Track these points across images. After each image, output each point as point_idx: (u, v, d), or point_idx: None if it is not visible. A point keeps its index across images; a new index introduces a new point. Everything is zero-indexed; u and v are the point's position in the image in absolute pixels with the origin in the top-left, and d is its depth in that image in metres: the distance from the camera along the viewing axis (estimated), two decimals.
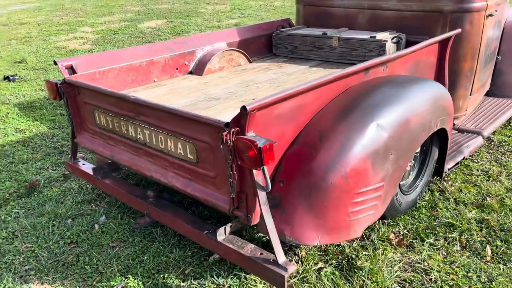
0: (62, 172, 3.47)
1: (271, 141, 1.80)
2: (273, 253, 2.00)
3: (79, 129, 2.87)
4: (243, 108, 1.79)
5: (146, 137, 2.38)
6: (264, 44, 3.99)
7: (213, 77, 3.32)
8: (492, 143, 3.64)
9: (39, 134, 4.24)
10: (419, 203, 2.85)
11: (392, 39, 3.35)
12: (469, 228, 2.58)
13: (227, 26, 10.04)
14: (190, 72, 3.45)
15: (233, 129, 1.86)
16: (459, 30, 3.24)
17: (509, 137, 3.72)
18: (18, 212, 2.97)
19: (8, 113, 4.82)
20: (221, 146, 1.90)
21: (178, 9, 13.07)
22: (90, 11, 14.01)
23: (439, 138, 2.88)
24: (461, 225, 2.60)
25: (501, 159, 3.36)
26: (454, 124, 3.72)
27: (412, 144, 2.40)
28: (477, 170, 3.22)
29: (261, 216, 1.99)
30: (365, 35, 3.42)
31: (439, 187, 3.01)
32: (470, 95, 3.63)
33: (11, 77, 6.24)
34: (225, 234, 2.21)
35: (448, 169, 3.12)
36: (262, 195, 1.95)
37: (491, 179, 3.09)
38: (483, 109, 4.03)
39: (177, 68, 3.37)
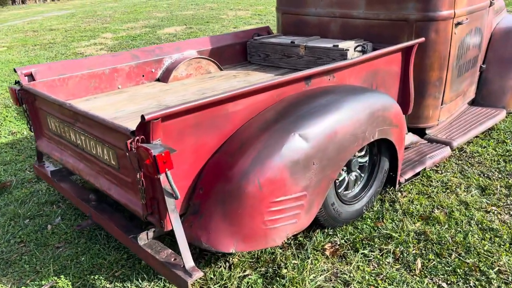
0: (36, 174, 3.63)
1: (167, 149, 1.86)
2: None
3: (38, 134, 3.01)
4: (142, 117, 1.86)
5: (82, 142, 2.48)
6: (239, 52, 4.04)
7: (176, 85, 3.40)
8: (464, 154, 3.55)
9: (28, 137, 4.44)
10: (366, 214, 2.82)
11: (356, 47, 3.33)
12: (406, 240, 2.54)
13: None
14: (158, 80, 3.55)
15: (137, 137, 1.93)
16: (422, 39, 3.20)
17: (483, 148, 3.62)
18: None
19: (7, 116, 5.07)
20: (127, 154, 1.97)
21: (201, 15, 13.30)
22: (117, 18, 14.45)
23: (389, 148, 2.85)
24: (399, 237, 2.57)
25: (466, 170, 3.28)
26: (425, 134, 3.66)
27: (341, 154, 2.39)
28: (437, 181, 3.15)
29: None
30: (329, 44, 3.42)
31: (392, 197, 2.97)
32: (442, 105, 3.56)
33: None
34: (147, 239, 2.28)
35: (406, 180, 3.08)
36: (170, 202, 2.00)
37: (448, 191, 3.02)
38: (462, 119, 3.94)
39: (143, 75, 3.47)
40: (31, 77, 2.96)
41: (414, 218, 2.74)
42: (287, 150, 2.20)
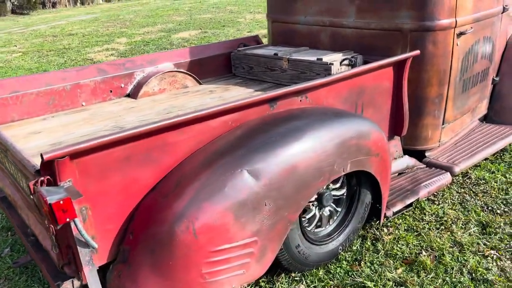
0: None
1: (67, 196, 1.56)
2: None
3: None
4: (41, 156, 1.56)
5: (13, 172, 2.21)
6: (223, 63, 3.72)
7: (145, 101, 3.12)
8: (467, 180, 3.13)
9: None
10: (342, 254, 2.46)
11: (342, 61, 2.97)
12: None
13: None
14: (128, 95, 3.27)
15: (43, 178, 1.64)
16: (417, 52, 2.81)
17: (492, 173, 3.19)
18: None
19: None
20: (31, 196, 1.69)
21: (219, 19, 13.08)
22: (137, 22, 14.38)
23: (370, 179, 2.48)
24: None
25: (468, 201, 2.86)
26: (425, 157, 3.25)
27: (302, 192, 2.04)
28: (432, 214, 2.75)
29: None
30: (313, 57, 3.06)
31: (376, 234, 2.60)
32: (443, 124, 3.15)
33: None
34: None
35: (395, 213, 2.70)
36: (84, 253, 1.71)
37: (442, 227, 2.62)
38: (470, 138, 3.51)
39: (111, 91, 3.20)
40: None
41: (396, 262, 2.36)
42: (231, 189, 1.87)
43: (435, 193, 2.97)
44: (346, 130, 2.20)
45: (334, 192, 2.44)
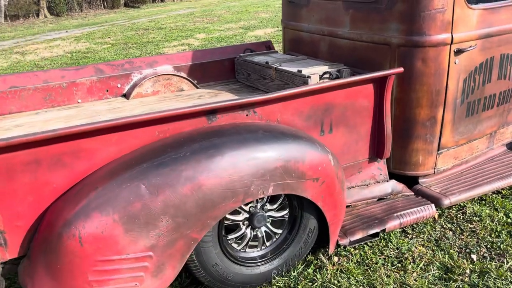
0: None
1: None
2: None
3: None
4: None
5: None
6: (228, 68, 3.70)
7: (133, 103, 3.21)
8: (460, 216, 2.80)
9: None
10: (276, 279, 2.34)
11: (323, 74, 2.80)
12: None
13: None
14: (124, 95, 3.39)
15: None
16: (400, 69, 2.59)
17: (494, 210, 2.81)
18: None
19: None
20: None
21: None
22: (224, 18, 14.75)
23: (314, 203, 2.32)
24: None
25: (447, 239, 2.56)
26: (418, 183, 2.97)
27: (207, 211, 1.97)
28: (395, 249, 2.51)
29: None
30: (295, 68, 2.93)
31: (322, 262, 2.43)
32: (440, 150, 2.85)
33: None
34: None
35: (352, 242, 2.50)
36: None
37: (399, 265, 2.38)
38: (483, 168, 3.13)
39: (107, 90, 3.34)
40: None
41: None
42: (123, 202, 1.87)
43: (415, 225, 2.70)
44: (270, 151, 2.08)
45: (272, 213, 2.33)
